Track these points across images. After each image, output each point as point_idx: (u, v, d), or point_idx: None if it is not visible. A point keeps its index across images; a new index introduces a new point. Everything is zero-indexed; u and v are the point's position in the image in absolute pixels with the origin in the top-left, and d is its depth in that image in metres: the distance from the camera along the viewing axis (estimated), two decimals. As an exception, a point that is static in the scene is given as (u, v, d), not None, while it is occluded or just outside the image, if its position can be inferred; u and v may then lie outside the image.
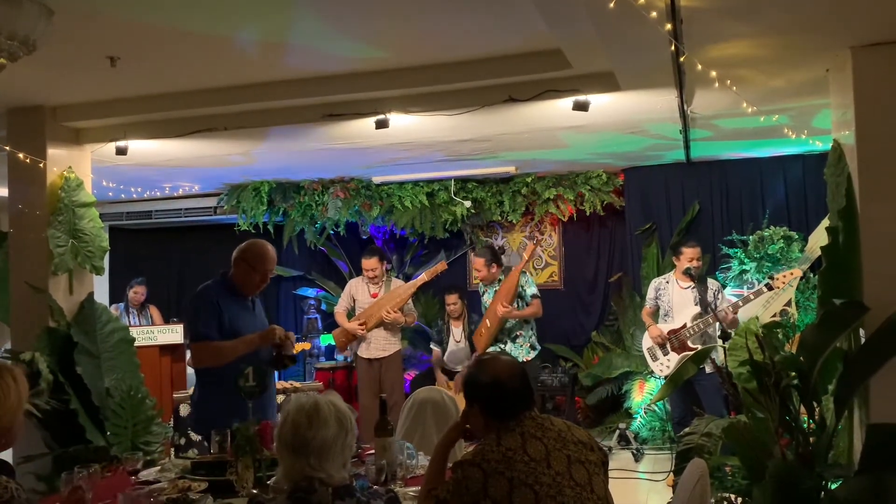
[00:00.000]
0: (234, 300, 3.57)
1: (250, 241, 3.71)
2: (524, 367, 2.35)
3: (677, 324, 5.30)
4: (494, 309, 5.51)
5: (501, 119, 4.78)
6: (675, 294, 5.36)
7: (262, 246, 3.65)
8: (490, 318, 5.61)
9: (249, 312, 3.62)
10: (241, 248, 3.66)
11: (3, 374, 2.09)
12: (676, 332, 5.27)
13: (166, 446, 4.85)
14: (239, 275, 3.60)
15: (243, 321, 3.53)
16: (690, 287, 5.25)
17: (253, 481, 2.64)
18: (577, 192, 7.09)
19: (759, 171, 6.58)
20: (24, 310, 4.85)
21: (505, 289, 5.52)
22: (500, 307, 5.42)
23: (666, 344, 5.31)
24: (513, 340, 5.60)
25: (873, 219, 3.42)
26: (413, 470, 2.86)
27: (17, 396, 2.10)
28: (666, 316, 5.38)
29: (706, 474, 2.42)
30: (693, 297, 5.23)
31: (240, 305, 3.58)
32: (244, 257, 3.60)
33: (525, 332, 5.61)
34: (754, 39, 3.43)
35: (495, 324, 5.54)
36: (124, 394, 4.78)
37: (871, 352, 3.14)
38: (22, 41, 2.92)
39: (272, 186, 7.47)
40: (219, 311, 3.47)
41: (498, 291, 5.60)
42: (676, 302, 5.34)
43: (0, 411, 2.04)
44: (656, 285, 5.51)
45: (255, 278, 3.58)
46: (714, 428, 3.53)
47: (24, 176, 4.91)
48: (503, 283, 5.61)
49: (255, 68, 4.15)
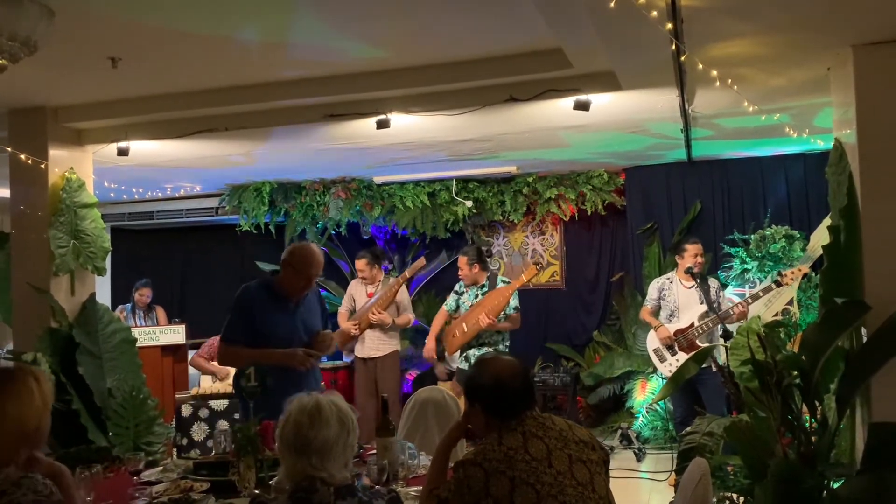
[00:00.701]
0: (274, 303, 3.51)
1: (297, 244, 3.62)
2: (525, 366, 2.34)
3: (684, 323, 5.27)
4: (475, 317, 5.37)
5: (502, 119, 4.78)
6: (679, 293, 5.33)
7: (308, 249, 3.55)
8: (468, 324, 5.44)
9: (288, 316, 3.52)
10: (288, 251, 3.58)
11: (26, 376, 2.11)
12: (684, 331, 5.25)
13: (168, 447, 4.86)
14: (285, 278, 3.53)
15: (278, 325, 3.47)
16: (694, 286, 5.24)
17: (255, 481, 2.64)
18: (579, 191, 7.09)
19: (761, 170, 6.58)
20: (26, 310, 4.86)
21: (493, 302, 5.38)
22: (483, 318, 5.27)
23: (674, 345, 5.29)
24: (479, 347, 5.43)
25: (875, 217, 3.42)
26: (414, 470, 2.86)
27: (42, 398, 2.11)
28: (671, 316, 5.36)
29: (708, 474, 2.42)
30: (698, 295, 5.22)
31: (278, 308, 3.51)
32: (290, 261, 3.51)
33: (497, 340, 5.48)
34: (755, 38, 3.42)
35: (473, 332, 5.40)
36: (126, 394, 4.79)
37: (873, 351, 3.14)
38: (23, 42, 2.92)
39: (273, 187, 7.48)
40: (251, 314, 3.45)
41: (482, 301, 5.44)
42: (682, 301, 5.31)
43: (26, 413, 2.05)
44: (659, 285, 5.48)
45: (299, 282, 3.50)
46: (716, 427, 3.52)
47: (25, 177, 4.92)
48: (491, 295, 5.44)
49: (256, 69, 4.15)
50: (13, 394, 2.05)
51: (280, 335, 3.46)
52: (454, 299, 5.74)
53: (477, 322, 5.36)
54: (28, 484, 1.95)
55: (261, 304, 3.49)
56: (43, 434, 2.14)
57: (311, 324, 3.60)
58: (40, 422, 2.10)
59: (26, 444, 2.07)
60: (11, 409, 2.03)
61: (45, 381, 2.15)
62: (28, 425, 2.06)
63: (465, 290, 5.68)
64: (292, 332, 3.50)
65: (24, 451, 2.06)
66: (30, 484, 1.96)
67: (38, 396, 2.10)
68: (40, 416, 2.10)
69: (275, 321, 3.47)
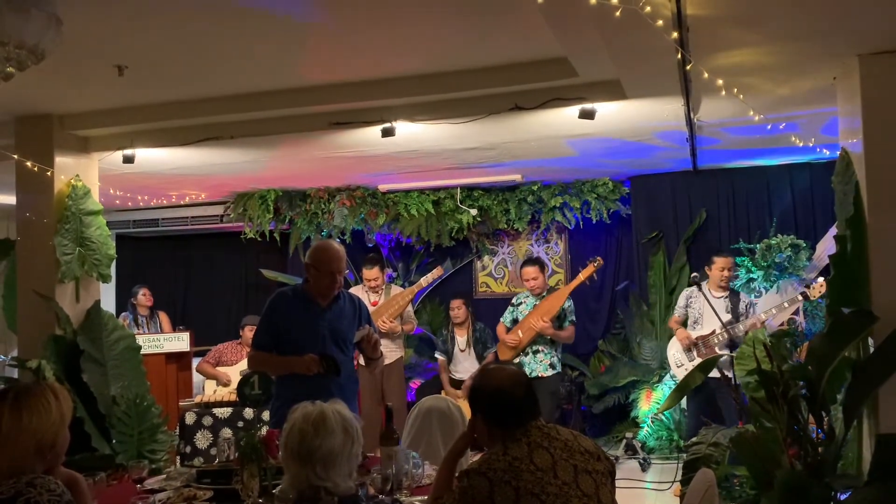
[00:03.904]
0: (303, 307, 3.47)
1: (316, 243, 3.57)
2: (532, 379, 2.33)
3: (706, 331, 5.33)
4: (530, 323, 5.42)
5: (507, 127, 4.79)
6: (705, 303, 5.35)
7: (325, 246, 3.48)
8: (524, 331, 5.49)
9: (315, 320, 3.45)
10: (308, 252, 3.55)
11: (45, 392, 2.12)
12: (705, 338, 5.29)
13: (172, 454, 4.85)
14: (311, 280, 3.48)
15: (305, 331, 3.43)
16: (724, 296, 5.28)
17: (258, 490, 2.63)
18: (584, 199, 7.09)
19: (767, 179, 6.56)
20: (31, 317, 4.86)
21: (549, 305, 5.44)
22: (540, 321, 5.34)
23: (692, 349, 5.32)
24: (534, 354, 5.54)
25: (881, 227, 3.41)
26: (419, 479, 2.84)
27: (59, 413, 2.12)
28: (695, 323, 5.40)
29: (714, 484, 2.41)
30: (725, 305, 5.26)
31: (307, 313, 3.46)
32: (310, 261, 3.46)
33: (549, 349, 5.54)
34: (761, 47, 3.42)
35: (528, 337, 5.45)
36: (130, 402, 4.78)
37: (880, 361, 3.12)
38: (30, 50, 2.93)
39: (278, 194, 7.49)
40: (278, 318, 3.45)
41: (539, 306, 5.50)
42: (707, 310, 5.33)
43: (42, 428, 2.06)
44: (688, 293, 5.57)
45: (324, 281, 3.42)
46: (722, 437, 3.51)
47: (31, 184, 4.93)
48: (547, 299, 5.53)
49: (261, 77, 4.16)
50: (31, 408, 2.07)
51: (306, 340, 3.42)
52: (511, 312, 5.78)
53: (531, 327, 5.38)
54: (42, 483, 1.98)
55: (289, 310, 3.47)
56: (60, 451, 2.15)
57: (341, 329, 3.51)
58: (56, 437, 2.11)
59: (42, 460, 2.07)
60: (28, 424, 2.05)
61: (64, 399, 2.16)
62: (44, 440, 2.07)
63: (524, 301, 5.72)
64: (317, 337, 3.44)
65: (40, 466, 2.07)
66: (44, 483, 1.98)
67: (56, 412, 2.11)
68: (57, 432, 2.11)
69: (302, 326, 3.45)
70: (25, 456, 2.03)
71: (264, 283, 8.10)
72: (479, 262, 7.80)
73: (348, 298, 3.62)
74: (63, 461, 2.21)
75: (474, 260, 7.83)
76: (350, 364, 3.61)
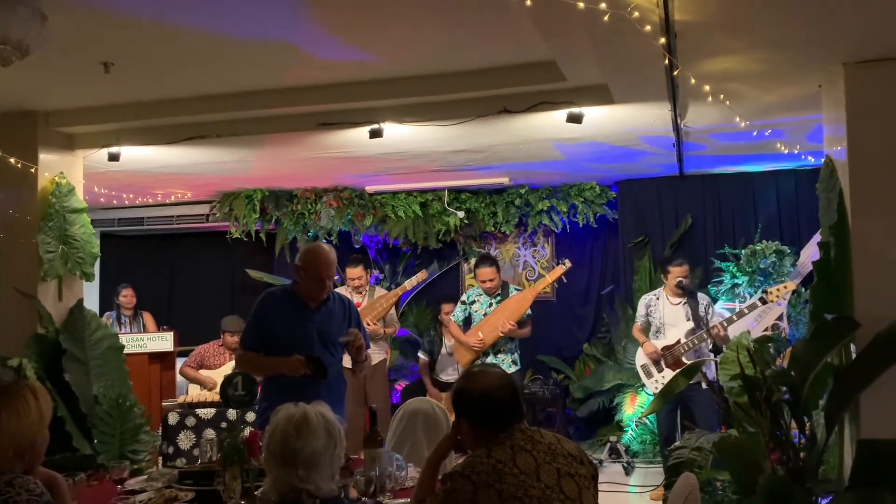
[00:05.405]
0: (292, 309, 3.45)
1: (306, 246, 3.55)
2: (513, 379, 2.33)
3: (670, 340, 5.27)
4: (494, 324, 5.37)
5: (495, 130, 4.79)
6: (666, 310, 5.35)
7: (315, 249, 3.47)
8: (485, 332, 5.45)
9: (303, 322, 3.44)
10: (298, 255, 3.53)
11: (23, 391, 2.10)
12: (670, 348, 5.24)
13: (154, 455, 4.81)
14: (300, 282, 3.47)
15: (293, 332, 3.41)
16: (682, 302, 5.25)
17: (241, 492, 2.62)
18: (571, 203, 7.10)
19: (752, 185, 6.60)
20: (13, 315, 4.81)
21: (513, 307, 5.39)
22: (506, 324, 5.29)
23: (660, 360, 5.29)
24: (495, 354, 5.49)
25: (865, 234, 3.44)
26: (402, 482, 2.83)
27: (38, 413, 2.10)
28: (658, 332, 5.36)
29: (696, 489, 2.41)
30: (685, 312, 5.22)
31: (295, 315, 3.44)
32: (300, 264, 3.45)
33: (510, 347, 5.50)
34: (747, 54, 3.44)
35: (491, 340, 5.41)
36: (112, 401, 4.74)
37: (862, 367, 3.14)
38: (15, 45, 2.91)
39: (265, 194, 7.46)
40: (265, 319, 3.44)
41: (501, 307, 5.44)
42: (668, 318, 5.33)
43: (20, 428, 2.04)
44: (647, 301, 5.50)
45: (313, 285, 3.42)
46: (705, 442, 3.52)
47: (15, 181, 4.87)
48: (511, 300, 5.46)
49: (248, 76, 4.14)
50: (9, 408, 2.04)
51: (293, 341, 3.40)
52: (462, 310, 5.68)
53: (496, 329, 5.35)
54: (21, 483, 1.96)
55: (277, 311, 3.45)
56: (39, 451, 2.13)
57: (330, 331, 3.50)
58: (36, 437, 2.09)
59: (21, 460, 2.05)
60: (7, 424, 2.02)
61: (44, 398, 2.14)
62: (23, 441, 2.05)
63: (477, 299, 5.62)
64: (305, 339, 3.42)
65: (19, 466, 2.04)
66: (22, 483, 1.96)
67: (35, 412, 2.09)
68: (36, 432, 2.09)
69: (289, 328, 3.43)
70: (4, 456, 2.01)
71: (250, 284, 8.06)
72: (467, 265, 7.80)
73: (338, 300, 3.60)
74: (43, 461, 2.19)
75: (461, 262, 7.83)
76: (338, 366, 3.59)
